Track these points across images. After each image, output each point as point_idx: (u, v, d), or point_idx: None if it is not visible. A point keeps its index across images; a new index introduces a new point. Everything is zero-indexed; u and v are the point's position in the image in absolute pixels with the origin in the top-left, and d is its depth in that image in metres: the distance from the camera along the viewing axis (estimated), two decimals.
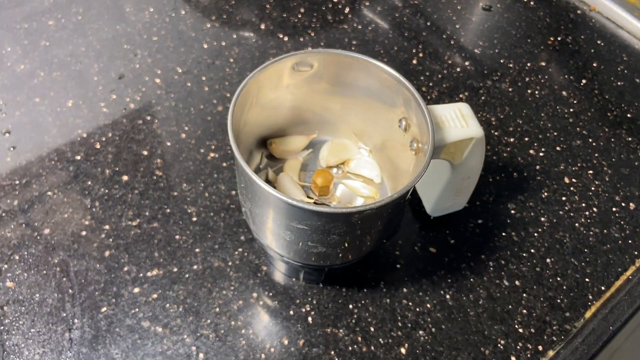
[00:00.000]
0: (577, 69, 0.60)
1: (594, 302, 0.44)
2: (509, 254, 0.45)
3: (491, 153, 0.52)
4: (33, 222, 0.44)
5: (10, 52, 0.54)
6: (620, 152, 0.53)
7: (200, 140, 0.50)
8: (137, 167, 0.48)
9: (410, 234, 0.46)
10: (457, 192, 0.43)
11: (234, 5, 0.61)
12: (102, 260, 0.42)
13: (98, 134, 0.49)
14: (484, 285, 0.44)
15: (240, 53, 0.57)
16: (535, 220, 0.48)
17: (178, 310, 0.41)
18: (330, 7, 0.62)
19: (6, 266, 0.42)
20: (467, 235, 0.46)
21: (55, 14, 0.58)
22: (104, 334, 0.39)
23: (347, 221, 0.32)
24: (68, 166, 0.47)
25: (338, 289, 0.43)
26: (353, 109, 0.42)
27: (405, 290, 0.43)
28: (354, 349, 0.40)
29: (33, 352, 0.38)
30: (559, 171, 0.51)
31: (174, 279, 0.42)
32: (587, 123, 0.55)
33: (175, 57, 0.56)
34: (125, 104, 0.52)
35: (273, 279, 0.43)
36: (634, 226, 0.48)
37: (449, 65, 0.58)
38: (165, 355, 0.39)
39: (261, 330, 0.40)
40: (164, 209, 0.45)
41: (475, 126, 0.37)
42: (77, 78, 0.53)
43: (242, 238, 0.44)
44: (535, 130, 0.54)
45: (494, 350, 0.41)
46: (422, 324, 0.41)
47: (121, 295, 0.41)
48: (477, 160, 0.40)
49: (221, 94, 0.53)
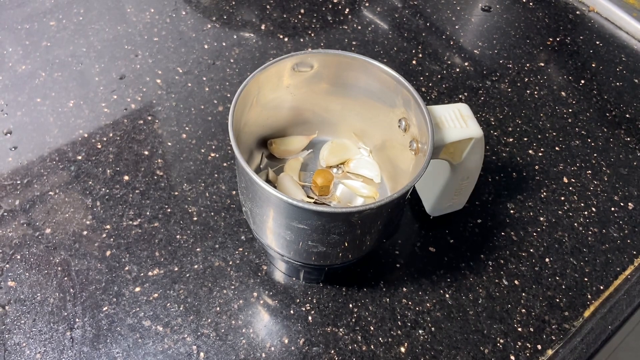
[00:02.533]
0: (576, 70, 0.60)
1: (593, 301, 0.44)
2: (508, 254, 0.46)
3: (490, 153, 0.52)
4: (34, 222, 0.44)
5: (11, 53, 0.55)
6: (619, 152, 0.53)
7: (201, 140, 0.50)
8: (138, 167, 0.48)
9: (410, 233, 0.46)
10: (457, 192, 0.44)
11: (234, 6, 0.61)
12: (103, 259, 0.43)
13: (99, 134, 0.50)
14: (483, 284, 0.44)
15: (241, 53, 0.57)
16: (534, 220, 0.48)
17: (179, 309, 0.41)
18: (330, 8, 0.63)
19: (8, 265, 0.42)
20: (466, 235, 0.46)
21: (56, 15, 0.58)
22: (105, 333, 0.39)
23: (347, 221, 0.33)
24: (69, 166, 0.47)
25: (338, 288, 0.43)
26: (353, 109, 0.42)
27: (404, 289, 0.43)
28: (354, 348, 0.40)
29: (34, 351, 0.38)
30: (558, 171, 0.51)
31: (175, 279, 0.42)
32: (586, 123, 0.55)
33: (176, 58, 0.56)
34: (126, 104, 0.52)
35: (273, 278, 0.43)
36: (632, 226, 0.48)
37: (449, 65, 0.58)
38: (166, 354, 0.39)
39: (261, 329, 0.40)
40: (165, 208, 0.45)
41: (474, 126, 0.37)
42: (78, 78, 0.53)
43: (243, 237, 0.44)
44: (534, 131, 0.54)
45: (493, 350, 0.41)
46: (422, 323, 0.42)
47: (122, 295, 0.41)
48: (477, 160, 0.40)
49: (222, 94, 0.53)
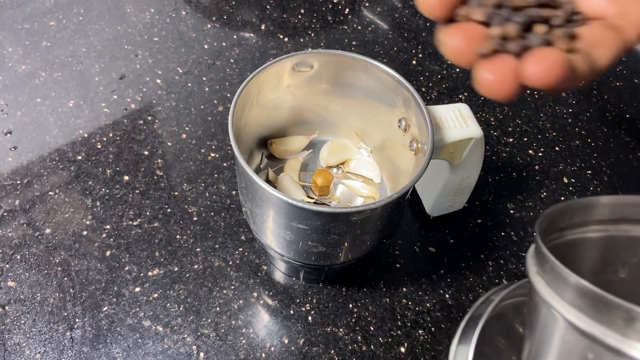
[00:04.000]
0: None
1: None
2: (508, 254, 0.46)
3: (490, 153, 0.52)
4: (34, 222, 0.44)
5: (11, 53, 0.55)
6: (619, 152, 0.53)
7: (201, 140, 0.50)
8: (138, 167, 0.48)
9: (410, 233, 0.46)
10: (457, 192, 0.44)
11: (234, 6, 0.61)
12: (103, 259, 0.43)
13: (99, 134, 0.50)
14: (484, 284, 0.44)
15: (241, 53, 0.57)
16: (534, 220, 0.48)
17: (179, 309, 0.41)
18: (330, 8, 0.63)
19: (7, 266, 0.42)
20: (466, 235, 0.46)
21: (56, 15, 0.58)
22: (105, 333, 0.39)
23: (347, 221, 0.32)
24: (69, 166, 0.47)
25: (338, 288, 0.43)
26: (353, 109, 0.42)
27: (404, 289, 0.43)
28: (354, 348, 0.40)
29: (34, 351, 0.38)
30: (557, 171, 0.51)
31: (175, 279, 0.42)
32: (586, 123, 0.55)
33: (176, 58, 0.56)
34: (126, 104, 0.52)
35: (273, 278, 0.43)
36: None
37: (449, 65, 0.58)
38: (166, 355, 0.39)
39: (261, 329, 0.40)
40: (165, 208, 0.45)
41: (474, 126, 0.37)
42: (78, 78, 0.53)
43: (243, 238, 0.44)
44: (534, 131, 0.54)
45: None
46: (422, 323, 0.42)
47: (122, 295, 0.41)
48: (477, 160, 0.40)
49: (222, 94, 0.53)
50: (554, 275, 0.21)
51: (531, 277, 0.23)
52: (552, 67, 0.20)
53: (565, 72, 0.20)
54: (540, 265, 0.23)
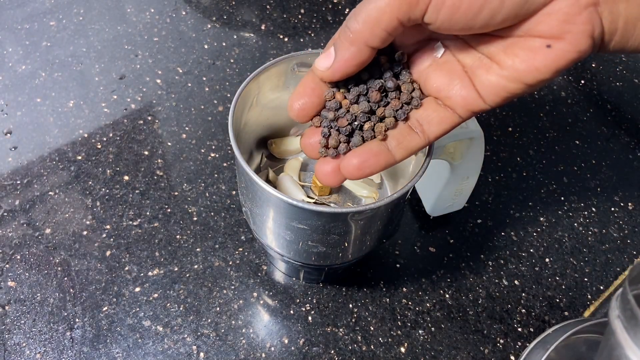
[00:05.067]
0: (575, 70, 0.60)
1: (593, 301, 0.44)
2: (508, 254, 0.46)
3: (490, 153, 0.52)
4: (34, 222, 0.44)
5: (11, 53, 0.55)
6: (619, 152, 0.53)
7: (201, 141, 0.50)
8: (138, 167, 0.48)
9: (410, 233, 0.46)
10: (457, 191, 0.44)
11: (234, 6, 0.61)
12: (103, 259, 0.43)
13: (99, 134, 0.50)
14: (483, 284, 0.44)
15: (241, 53, 0.57)
16: (534, 220, 0.48)
17: (179, 309, 0.41)
18: (330, 8, 0.63)
19: (7, 266, 0.42)
20: (466, 235, 0.46)
21: (56, 15, 0.58)
22: (105, 333, 0.39)
23: (347, 221, 0.32)
24: (69, 166, 0.47)
25: (338, 288, 0.43)
26: None
27: (404, 289, 0.43)
28: (354, 348, 0.40)
29: (34, 351, 0.38)
30: (557, 171, 0.51)
31: (175, 279, 0.42)
32: (586, 123, 0.55)
33: (176, 58, 0.56)
34: (126, 104, 0.52)
35: (273, 278, 0.43)
36: (632, 226, 0.48)
37: None
38: (166, 355, 0.39)
39: (261, 329, 0.40)
40: (165, 208, 0.45)
41: (474, 126, 0.37)
42: (78, 78, 0.53)
43: (243, 238, 0.44)
44: (534, 131, 0.54)
45: (493, 350, 0.41)
46: (422, 323, 0.42)
47: (122, 295, 0.41)
48: (476, 160, 0.40)
49: (222, 94, 0.53)
50: (634, 323, 0.22)
51: (611, 319, 0.24)
52: (359, 163, 0.27)
53: (372, 165, 0.27)
54: (623, 310, 0.23)
